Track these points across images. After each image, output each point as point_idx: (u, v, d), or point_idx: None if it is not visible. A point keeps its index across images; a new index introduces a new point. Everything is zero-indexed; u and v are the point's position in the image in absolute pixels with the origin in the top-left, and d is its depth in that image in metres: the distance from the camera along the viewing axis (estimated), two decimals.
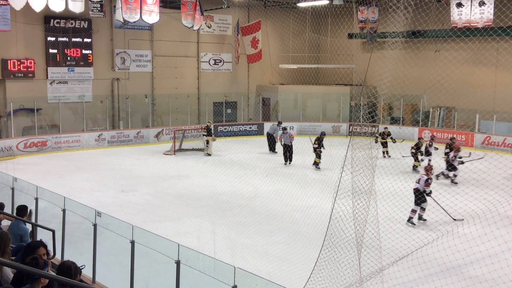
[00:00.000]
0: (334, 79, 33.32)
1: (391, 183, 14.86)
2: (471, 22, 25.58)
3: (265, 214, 14.54)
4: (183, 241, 9.14)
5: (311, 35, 33.18)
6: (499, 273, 9.87)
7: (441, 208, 14.07)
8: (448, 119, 28.92)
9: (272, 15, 32.82)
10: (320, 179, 18.22)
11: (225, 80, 32.60)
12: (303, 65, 33.13)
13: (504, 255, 10.99)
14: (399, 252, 11.00)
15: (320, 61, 34.10)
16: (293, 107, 32.72)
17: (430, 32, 28.32)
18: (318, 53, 34.49)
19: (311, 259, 9.46)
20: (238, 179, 18.72)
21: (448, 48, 28.30)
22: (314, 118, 31.88)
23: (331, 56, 33.54)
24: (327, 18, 33.54)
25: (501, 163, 19.30)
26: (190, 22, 26.69)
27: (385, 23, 27.91)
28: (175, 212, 14.78)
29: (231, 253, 11.31)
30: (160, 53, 29.54)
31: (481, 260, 10.80)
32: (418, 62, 29.03)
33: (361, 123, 29.88)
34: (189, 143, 25.31)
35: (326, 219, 9.52)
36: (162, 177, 19.34)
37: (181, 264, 7.51)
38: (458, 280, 9.85)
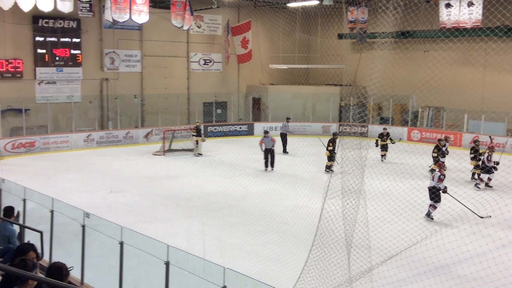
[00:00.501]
0: (324, 79, 33.38)
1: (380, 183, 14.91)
2: (460, 23, 25.73)
3: (255, 214, 14.53)
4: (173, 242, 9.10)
5: (301, 35, 33.22)
6: (487, 272, 9.95)
7: (465, 207, 14.05)
8: (437, 119, 29.07)
9: (262, 15, 32.83)
10: (310, 179, 18.24)
11: (215, 80, 32.55)
12: (293, 65, 33.16)
13: (492, 254, 11.07)
14: (388, 251, 11.05)
15: (310, 61, 34.15)
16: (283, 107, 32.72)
17: (419, 32, 28.46)
18: (308, 53, 34.53)
19: (301, 259, 9.47)
20: (228, 179, 18.69)
21: (437, 49, 28.48)
22: (304, 118, 31.94)
23: (321, 57, 33.61)
24: (317, 18, 33.63)
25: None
26: (180, 22, 26.62)
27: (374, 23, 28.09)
28: (165, 213, 14.74)
29: (221, 254, 11.29)
30: (150, 53, 29.44)
31: (469, 259, 10.87)
32: (407, 63, 29.15)
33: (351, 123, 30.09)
34: (178, 144, 25.24)
35: (316, 219, 9.53)
36: (151, 178, 19.27)
37: (171, 265, 7.48)
38: (447, 279, 9.90)
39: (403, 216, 13.33)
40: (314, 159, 22.66)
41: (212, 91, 31.81)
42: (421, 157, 20.49)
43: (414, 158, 20.48)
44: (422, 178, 18.14)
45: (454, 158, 20.92)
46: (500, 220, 13.66)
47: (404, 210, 13.94)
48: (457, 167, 19.31)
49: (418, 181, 17.42)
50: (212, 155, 23.90)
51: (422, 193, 15.16)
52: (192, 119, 29.80)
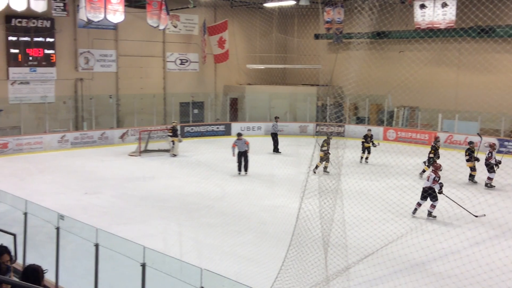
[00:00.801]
0: (301, 79, 33.52)
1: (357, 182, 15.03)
2: (434, 23, 26.08)
3: (233, 214, 14.49)
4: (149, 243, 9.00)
5: (278, 35, 33.30)
6: (461, 269, 10.09)
7: (459, 207, 14.15)
8: (412, 119, 29.43)
9: (239, 15, 32.80)
10: (287, 179, 18.27)
11: (192, 80, 32.40)
12: (270, 65, 33.21)
13: (467, 252, 11.25)
14: (365, 250, 11.13)
15: (287, 62, 34.25)
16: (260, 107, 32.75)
17: (395, 33, 28.76)
18: (285, 53, 34.63)
19: (279, 258, 9.47)
20: (205, 180, 18.62)
21: (412, 49, 28.82)
22: (281, 118, 31.97)
23: (298, 57, 33.73)
24: (293, 18, 33.77)
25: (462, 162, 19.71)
26: (156, 22, 26.44)
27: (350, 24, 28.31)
28: (141, 214, 14.60)
29: (198, 255, 11.23)
30: (125, 52, 29.16)
31: (444, 256, 11.02)
32: (383, 63, 29.46)
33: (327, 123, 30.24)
34: (155, 144, 25.04)
35: (293, 218, 9.54)
36: (127, 179, 19.08)
37: (147, 267, 7.40)
38: (422, 277, 10.01)
39: (379, 215, 13.45)
40: (292, 159, 22.74)
41: (189, 91, 31.66)
42: (397, 156, 20.73)
43: (390, 157, 20.69)
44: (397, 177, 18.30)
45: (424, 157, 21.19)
46: (474, 218, 13.88)
47: (380, 209, 14.09)
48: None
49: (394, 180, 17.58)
50: (189, 156, 23.78)
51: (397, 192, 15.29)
52: (169, 120, 29.61)
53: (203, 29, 31.41)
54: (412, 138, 27.62)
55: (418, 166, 19.51)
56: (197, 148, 25.45)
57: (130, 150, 24.49)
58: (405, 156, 20.56)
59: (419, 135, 27.66)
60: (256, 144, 24.87)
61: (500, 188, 17.70)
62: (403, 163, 20.33)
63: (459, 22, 24.96)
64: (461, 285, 9.61)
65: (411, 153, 20.43)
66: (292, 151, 24.97)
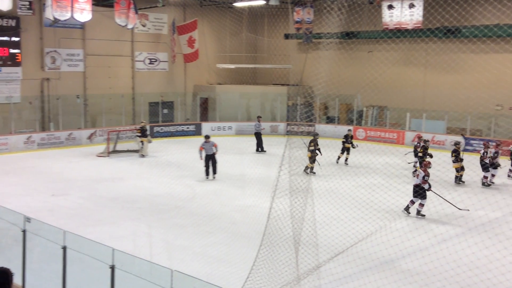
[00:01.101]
0: (271, 79, 33.61)
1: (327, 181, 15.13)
2: (402, 24, 26.46)
3: (203, 215, 14.42)
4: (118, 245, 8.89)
5: (248, 35, 33.31)
6: (429, 266, 10.27)
7: (444, 201, 14.36)
8: (381, 118, 29.81)
9: (209, 14, 32.69)
10: (258, 179, 18.28)
11: (161, 79, 32.14)
12: (240, 65, 33.17)
13: (434, 249, 11.45)
14: (335, 248, 11.21)
15: (257, 61, 34.27)
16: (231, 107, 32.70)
17: (363, 33, 29.08)
18: (255, 53, 34.64)
19: (250, 258, 9.46)
20: (175, 180, 18.49)
21: (380, 49, 29.18)
22: (252, 118, 32.00)
23: (268, 56, 33.78)
24: (263, 18, 33.83)
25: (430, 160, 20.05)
26: (124, 21, 26.15)
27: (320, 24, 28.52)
28: (110, 216, 14.40)
29: (168, 256, 11.13)
30: (93, 52, 28.74)
31: (412, 254, 11.18)
32: (352, 63, 29.78)
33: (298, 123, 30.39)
34: (123, 145, 24.73)
35: (264, 218, 9.54)
36: (95, 180, 18.81)
37: (116, 269, 7.31)
38: (391, 274, 10.13)
39: (349, 213, 13.56)
40: (263, 158, 22.77)
41: (158, 90, 31.40)
42: (366, 155, 20.96)
43: (360, 156, 20.93)
44: (367, 175, 18.51)
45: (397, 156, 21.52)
46: (441, 215, 14.13)
47: (350, 208, 14.21)
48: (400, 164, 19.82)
49: (363, 179, 17.80)
50: (159, 156, 23.58)
51: (367, 190, 15.48)
52: (137, 120, 29.30)
53: (172, 28, 31.19)
54: (381, 137, 27.98)
55: (387, 164, 19.74)
56: (167, 148, 25.25)
57: (98, 151, 24.14)
58: (374, 155, 20.81)
59: (387, 134, 28.04)
60: (226, 144, 24.86)
61: (466, 185, 18.07)
62: (372, 162, 20.58)
63: (426, 23, 25.40)
64: (429, 282, 9.77)
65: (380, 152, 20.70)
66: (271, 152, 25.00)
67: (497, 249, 10.91)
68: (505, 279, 9.61)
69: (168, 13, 31.16)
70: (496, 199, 15.16)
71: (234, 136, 30.28)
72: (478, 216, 14.13)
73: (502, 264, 10.17)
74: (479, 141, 24.76)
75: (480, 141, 24.71)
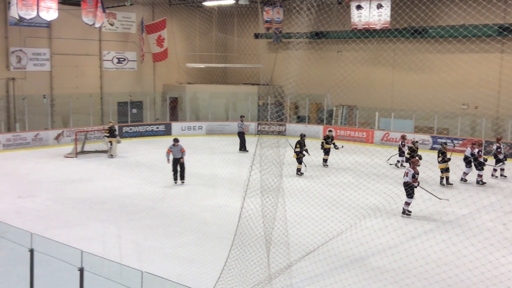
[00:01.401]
0: (241, 79, 33.59)
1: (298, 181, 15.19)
2: (370, 24, 26.78)
3: (174, 215, 14.31)
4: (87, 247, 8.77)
5: (218, 34, 33.22)
6: (399, 263, 10.40)
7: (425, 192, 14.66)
8: (350, 117, 30.10)
9: (178, 13, 32.47)
10: (229, 178, 18.24)
11: (130, 79, 31.78)
12: (210, 64, 33.07)
13: (403, 246, 11.60)
14: (307, 247, 11.26)
15: (227, 61, 34.21)
16: (201, 107, 32.58)
17: (332, 33, 29.31)
18: (225, 52, 34.59)
19: (221, 258, 9.43)
20: (144, 181, 18.30)
21: (349, 49, 29.45)
22: (223, 118, 31.95)
23: (238, 56, 33.77)
24: (233, 17, 33.76)
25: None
26: (91, 20, 25.77)
27: (289, 23, 28.62)
28: (78, 217, 14.16)
29: (138, 257, 11.01)
30: (60, 51, 28.24)
31: (382, 251, 11.31)
32: (322, 62, 30.00)
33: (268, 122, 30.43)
34: (92, 145, 24.38)
35: (235, 218, 9.52)
36: (63, 181, 18.48)
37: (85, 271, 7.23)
38: (362, 272, 10.23)
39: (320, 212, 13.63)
40: (234, 158, 22.73)
41: (127, 90, 31.04)
42: (336, 154, 21.13)
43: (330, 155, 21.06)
44: (337, 174, 18.66)
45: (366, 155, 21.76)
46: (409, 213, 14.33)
47: (321, 206, 14.28)
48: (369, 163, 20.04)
49: (333, 178, 17.92)
50: (128, 156, 23.31)
51: (337, 189, 15.60)
52: (106, 120, 28.90)
53: (141, 27, 30.87)
54: (351, 136, 28.25)
55: (356, 163, 19.92)
56: (136, 148, 24.98)
57: (65, 152, 23.74)
58: (344, 154, 20.99)
59: (357, 133, 28.33)
60: (197, 144, 24.76)
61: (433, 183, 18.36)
62: (342, 161, 20.77)
63: (393, 23, 25.76)
64: (399, 279, 9.90)
65: (350, 151, 20.88)
66: (234, 150, 24.98)
67: (464, 245, 11.12)
68: (472, 275, 9.80)
69: (137, 12, 30.85)
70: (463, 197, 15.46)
71: (204, 136, 30.16)
72: (446, 213, 14.40)
73: (469, 260, 10.38)
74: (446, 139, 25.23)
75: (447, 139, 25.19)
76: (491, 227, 12.47)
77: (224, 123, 31.34)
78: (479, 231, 12.17)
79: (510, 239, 11.66)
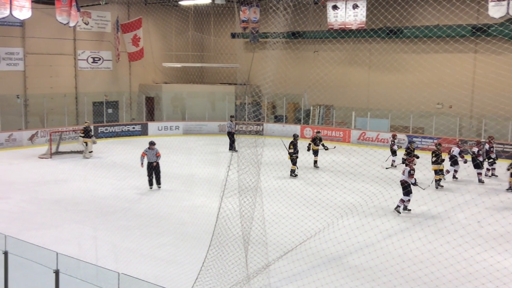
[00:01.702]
0: (218, 78, 33.51)
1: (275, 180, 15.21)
2: (346, 24, 26.98)
3: (151, 216, 14.21)
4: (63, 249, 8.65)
5: (194, 34, 33.08)
6: (375, 261, 10.49)
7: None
8: (327, 117, 30.28)
9: (153, 12, 32.24)
10: (207, 179, 18.18)
11: (105, 78, 31.44)
12: (187, 64, 32.92)
13: (380, 244, 11.71)
14: (285, 247, 11.28)
15: (204, 60, 34.11)
16: (177, 106, 32.41)
17: (309, 33, 29.44)
18: (202, 52, 34.48)
19: (199, 259, 9.39)
20: (121, 181, 18.12)
21: (325, 49, 29.65)
22: (200, 117, 31.81)
23: (215, 55, 33.69)
24: (209, 17, 33.66)
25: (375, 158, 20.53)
26: (66, 19, 25.44)
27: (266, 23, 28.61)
28: (53, 219, 13.96)
29: (115, 259, 10.90)
30: (33, 50, 27.80)
31: (359, 250, 11.40)
32: (299, 62, 30.12)
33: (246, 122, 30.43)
34: (67, 146, 24.05)
35: (213, 218, 9.49)
36: (37, 182, 18.20)
37: (61, 274, 7.14)
38: (339, 270, 10.28)
39: (298, 211, 13.68)
40: (211, 158, 22.67)
41: (102, 90, 30.71)
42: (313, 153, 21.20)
43: (307, 155, 21.14)
44: (314, 173, 18.75)
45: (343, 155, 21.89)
46: (386, 212, 14.48)
47: (298, 206, 14.35)
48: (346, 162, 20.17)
49: (311, 177, 18.01)
50: (104, 157, 23.06)
51: (315, 188, 15.66)
52: (81, 120, 28.55)
53: (116, 27, 30.57)
54: (328, 136, 28.38)
55: (333, 163, 20.04)
56: (112, 149, 24.72)
57: (40, 152, 23.39)
58: (321, 153, 21.08)
59: (334, 132, 28.49)
60: (174, 144, 24.60)
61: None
62: (320, 160, 20.88)
63: (369, 23, 26.01)
64: (376, 277, 9.98)
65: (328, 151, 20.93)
66: (211, 150, 24.92)
67: (440, 243, 11.28)
68: (448, 272, 9.94)
69: (112, 11, 30.52)
70: (438, 195, 15.68)
71: (181, 136, 30.01)
72: (422, 212, 14.58)
73: (445, 258, 10.52)
74: (422, 139, 25.56)
75: (423, 139, 25.52)
76: (466, 225, 12.66)
77: (202, 123, 31.22)
78: (454, 229, 12.36)
79: (484, 237, 11.86)
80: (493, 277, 9.69)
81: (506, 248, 11.09)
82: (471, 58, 25.00)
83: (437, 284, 9.63)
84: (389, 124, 27.32)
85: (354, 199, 15.16)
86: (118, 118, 31.02)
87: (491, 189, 17.46)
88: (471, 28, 23.54)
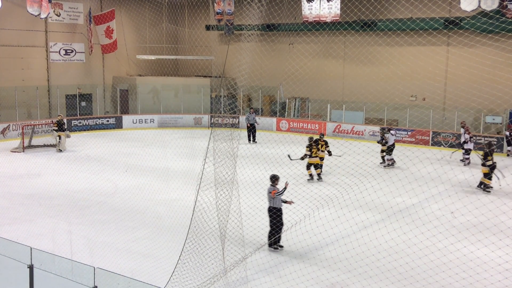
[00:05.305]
0: (193, 71, 33.31)
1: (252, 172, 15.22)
2: (321, 17, 27.08)
3: (126, 210, 14.08)
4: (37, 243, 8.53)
5: (168, 26, 32.79)
6: (351, 252, 10.60)
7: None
8: (303, 109, 30.38)
9: (127, 4, 31.85)
10: (183, 172, 18.09)
11: (78, 71, 30.98)
12: (161, 56, 32.64)
13: (355, 236, 11.82)
14: (261, 239, 11.30)
15: (178, 53, 33.86)
16: (152, 99, 32.13)
17: (284, 25, 29.45)
18: (176, 44, 34.21)
19: (175, 252, 9.35)
20: (95, 175, 17.92)
21: (300, 42, 29.71)
22: (175, 110, 31.60)
23: (190, 48, 33.48)
24: (183, 9, 33.40)
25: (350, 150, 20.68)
26: (37, 10, 24.95)
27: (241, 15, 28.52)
28: (27, 214, 13.74)
29: (90, 253, 10.78)
30: (3, 42, 27.22)
31: (335, 241, 11.49)
32: (274, 55, 30.10)
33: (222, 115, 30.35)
34: (39, 139, 23.67)
35: (189, 211, 9.45)
36: (10, 177, 17.88)
37: (35, 269, 7.04)
38: (316, 262, 10.36)
39: None
40: (187, 152, 22.54)
41: (75, 82, 30.27)
42: (289, 146, 21.26)
43: (283, 147, 21.17)
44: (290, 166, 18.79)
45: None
46: (362, 203, 14.61)
47: None
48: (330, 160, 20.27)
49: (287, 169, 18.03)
50: (77, 151, 22.76)
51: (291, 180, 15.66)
52: (54, 113, 28.12)
53: (89, 18, 30.11)
54: (304, 128, 28.52)
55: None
56: (86, 142, 24.42)
57: (12, 146, 22.98)
58: (297, 146, 21.15)
59: (310, 125, 28.62)
60: (149, 137, 24.43)
61: (384, 173, 18.78)
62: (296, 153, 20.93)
63: (343, 16, 26.14)
64: (352, 268, 10.08)
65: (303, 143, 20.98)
66: (187, 143, 24.78)
67: (414, 234, 11.43)
68: (422, 262, 10.09)
69: (84, 2, 30.06)
70: (412, 186, 15.86)
71: (156, 129, 29.79)
72: (396, 203, 14.74)
73: (419, 248, 10.67)
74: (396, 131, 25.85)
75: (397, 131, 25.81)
76: (440, 216, 12.86)
77: (177, 115, 31.02)
78: (428, 220, 12.55)
79: (458, 227, 12.07)
80: (466, 267, 9.88)
81: (479, 238, 11.30)
82: (444, 51, 25.36)
83: (412, 274, 9.77)
84: (364, 116, 27.56)
85: (330, 191, 15.25)
86: (91, 111, 30.63)
87: (464, 180, 17.76)
88: (443, 21, 23.85)
